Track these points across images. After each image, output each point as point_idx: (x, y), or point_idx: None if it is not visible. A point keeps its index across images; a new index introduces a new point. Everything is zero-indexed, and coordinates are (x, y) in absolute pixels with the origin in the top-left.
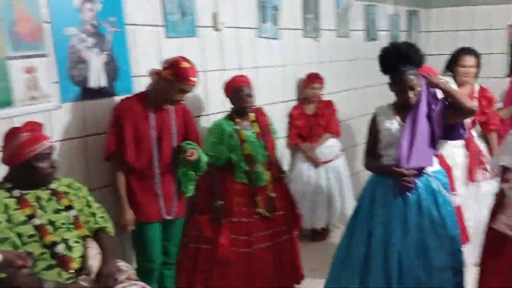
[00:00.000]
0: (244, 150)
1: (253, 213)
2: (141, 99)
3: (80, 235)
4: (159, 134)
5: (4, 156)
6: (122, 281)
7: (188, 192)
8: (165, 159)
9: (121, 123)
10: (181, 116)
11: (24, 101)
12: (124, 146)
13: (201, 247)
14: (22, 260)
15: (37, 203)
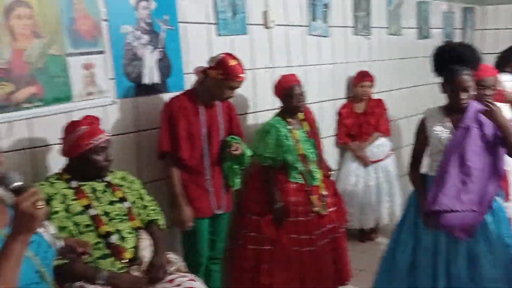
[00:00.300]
0: (298, 150)
1: (310, 211)
2: (191, 96)
3: (133, 226)
4: (208, 130)
5: (63, 148)
6: (172, 272)
7: (235, 185)
8: (214, 155)
9: (174, 121)
10: (226, 111)
11: (82, 96)
12: (178, 144)
13: (263, 249)
14: (83, 247)
15: (93, 194)
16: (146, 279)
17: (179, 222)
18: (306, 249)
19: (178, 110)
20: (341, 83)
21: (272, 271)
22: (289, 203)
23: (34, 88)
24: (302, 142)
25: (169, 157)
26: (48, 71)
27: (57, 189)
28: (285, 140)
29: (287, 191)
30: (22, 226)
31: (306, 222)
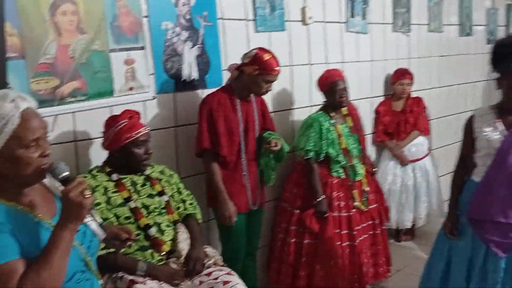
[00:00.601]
0: (341, 144)
1: (351, 207)
2: (228, 92)
3: (171, 219)
4: (245, 126)
5: (105, 142)
6: (209, 265)
7: (270, 181)
8: (251, 150)
9: (214, 117)
10: (259, 106)
11: (123, 91)
12: (217, 141)
13: (304, 242)
14: (127, 234)
15: (133, 187)
16: (184, 272)
17: (224, 217)
18: (346, 243)
19: (217, 106)
20: (379, 81)
21: (312, 265)
22: (331, 198)
23: (78, 83)
24: (345, 137)
25: (208, 154)
26: (91, 66)
27: (99, 181)
28: (327, 133)
29: (329, 185)
30: (71, 215)
31: (347, 217)
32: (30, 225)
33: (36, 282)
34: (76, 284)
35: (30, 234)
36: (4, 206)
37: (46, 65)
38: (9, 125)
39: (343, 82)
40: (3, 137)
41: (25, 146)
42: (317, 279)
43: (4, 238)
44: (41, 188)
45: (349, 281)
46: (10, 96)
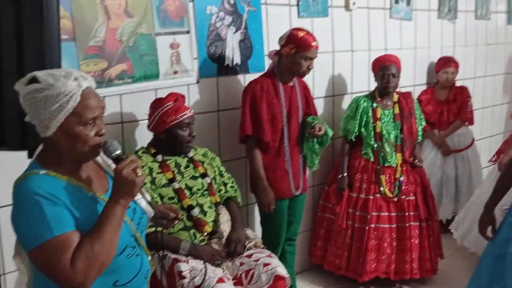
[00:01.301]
0: (375, 128)
1: (374, 191)
2: (270, 77)
3: (213, 201)
4: (288, 111)
5: (150, 123)
6: (250, 247)
7: (313, 166)
8: (294, 135)
9: (257, 103)
10: (303, 91)
11: (168, 74)
12: (261, 127)
13: (325, 216)
14: (174, 213)
15: (177, 168)
16: (225, 253)
17: (263, 204)
18: (358, 225)
19: (260, 93)
20: (422, 69)
21: (328, 238)
22: (355, 178)
23: (125, 65)
24: (384, 122)
25: (251, 140)
26: (138, 50)
27: (144, 162)
28: (363, 115)
29: (356, 166)
30: (123, 191)
31: (365, 200)
32: (84, 199)
33: (89, 254)
34: (126, 258)
35: (85, 208)
36: (60, 180)
37: (96, 47)
38: (71, 102)
39: (395, 68)
40: (64, 113)
41: (83, 124)
42: (329, 253)
43: (60, 211)
44: (93, 165)
45: (355, 263)
46: (74, 75)
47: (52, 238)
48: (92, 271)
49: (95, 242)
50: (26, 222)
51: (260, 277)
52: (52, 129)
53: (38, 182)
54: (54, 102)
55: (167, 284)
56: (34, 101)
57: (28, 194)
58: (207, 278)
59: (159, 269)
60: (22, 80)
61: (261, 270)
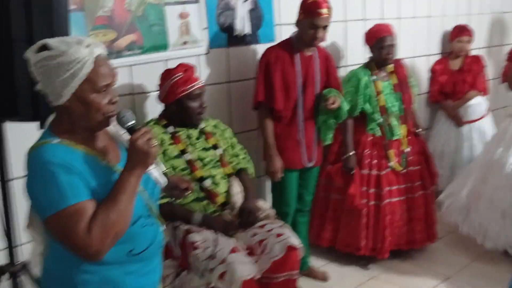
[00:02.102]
0: (379, 101)
1: (385, 166)
2: (287, 46)
3: (225, 172)
4: (304, 81)
5: (160, 95)
6: (262, 218)
7: (326, 140)
8: (308, 106)
9: (270, 71)
10: (323, 62)
11: (176, 45)
12: (273, 94)
13: (331, 197)
14: (186, 183)
15: (188, 140)
16: (238, 223)
17: (270, 172)
18: (373, 203)
19: (274, 60)
20: (436, 38)
21: (338, 220)
22: (363, 155)
23: (134, 36)
24: (386, 94)
25: (263, 107)
26: (147, 20)
27: (155, 133)
28: (365, 89)
29: (362, 142)
30: (138, 162)
31: (377, 176)
32: (99, 168)
33: (105, 222)
34: (141, 228)
35: (99, 178)
36: (74, 149)
37: (104, 17)
38: (84, 69)
39: (391, 38)
40: (78, 80)
41: (96, 91)
42: (341, 235)
43: (75, 180)
44: (106, 135)
45: (374, 241)
46: (86, 42)
47: (67, 206)
48: (107, 239)
49: (110, 210)
50: (41, 191)
51: (273, 247)
52: (65, 96)
53: (53, 151)
54: (67, 69)
55: (180, 254)
56: (46, 69)
57: (42, 163)
58: (220, 248)
59: (172, 239)
60: (32, 47)
61: (273, 240)
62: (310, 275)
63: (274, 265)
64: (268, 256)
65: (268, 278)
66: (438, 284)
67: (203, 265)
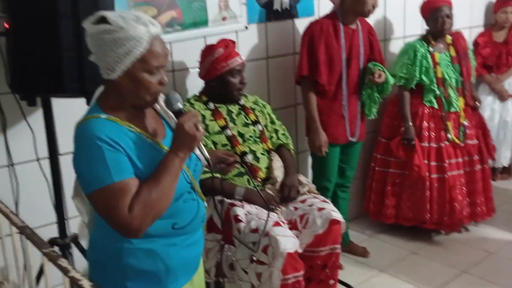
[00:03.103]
0: (437, 73)
1: (444, 138)
2: (332, 19)
3: (265, 148)
4: (348, 55)
5: (201, 71)
6: (303, 193)
7: (371, 114)
8: (353, 80)
9: (314, 45)
10: (367, 36)
11: (216, 21)
12: (317, 68)
13: (390, 171)
14: (232, 157)
15: (229, 116)
16: (279, 198)
17: (314, 147)
18: (435, 176)
19: (318, 33)
20: (479, 9)
21: (400, 194)
22: (422, 127)
23: (174, 12)
24: (443, 66)
25: (306, 82)
26: None
27: (197, 109)
28: (422, 60)
29: (419, 114)
30: (183, 144)
31: (437, 148)
32: (144, 146)
33: (147, 201)
34: (183, 203)
35: (144, 156)
36: (120, 126)
37: None
38: (139, 48)
39: (448, 8)
40: (132, 57)
41: (148, 71)
42: (403, 210)
43: (120, 157)
44: (152, 111)
45: (439, 215)
46: (144, 19)
47: (111, 183)
48: (148, 217)
49: (153, 190)
50: (87, 165)
51: (315, 221)
52: (118, 72)
53: (100, 126)
54: (122, 45)
55: (223, 228)
56: (102, 42)
57: (90, 137)
58: (263, 222)
59: (216, 213)
60: (91, 18)
61: (315, 214)
62: (350, 251)
63: (316, 239)
64: (310, 230)
65: (310, 252)
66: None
67: (247, 238)
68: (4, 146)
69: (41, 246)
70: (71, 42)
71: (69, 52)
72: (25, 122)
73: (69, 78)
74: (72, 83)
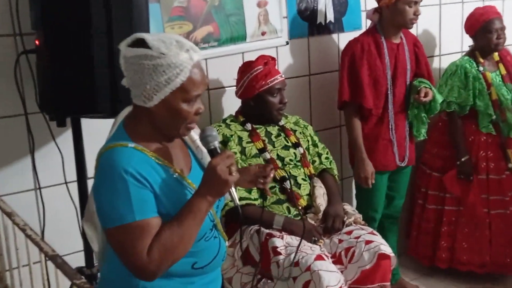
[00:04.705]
0: (491, 95)
1: (504, 169)
2: (373, 35)
3: (307, 173)
4: (394, 73)
5: (238, 89)
6: (349, 223)
7: (420, 136)
8: (399, 99)
9: (356, 65)
10: (412, 49)
11: (255, 36)
12: (361, 92)
13: (445, 209)
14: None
15: (267, 138)
16: (322, 228)
17: (360, 178)
18: (496, 211)
19: (359, 53)
20: None
21: (455, 234)
22: (478, 157)
23: (211, 27)
24: (496, 86)
25: (350, 107)
26: (224, 9)
27: (233, 130)
28: (474, 82)
29: (475, 143)
30: (213, 188)
31: (498, 180)
32: (170, 181)
33: (167, 245)
34: (205, 242)
35: (169, 191)
36: (147, 157)
37: (180, 8)
38: (180, 76)
39: (500, 21)
40: (172, 86)
41: (187, 101)
42: (460, 252)
43: (145, 194)
44: (179, 141)
45: (502, 255)
46: (186, 46)
47: (132, 222)
48: (166, 263)
49: (174, 234)
50: (109, 198)
51: (362, 255)
52: (155, 101)
53: (127, 158)
54: (163, 73)
55: (260, 260)
56: (140, 68)
57: (115, 168)
58: (304, 255)
59: (252, 244)
60: (127, 40)
61: (362, 248)
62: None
63: (363, 275)
64: (357, 265)
65: None
66: None
67: (286, 273)
68: (31, 168)
69: (72, 277)
70: (105, 60)
71: (102, 70)
72: (53, 144)
73: (101, 98)
74: (104, 103)
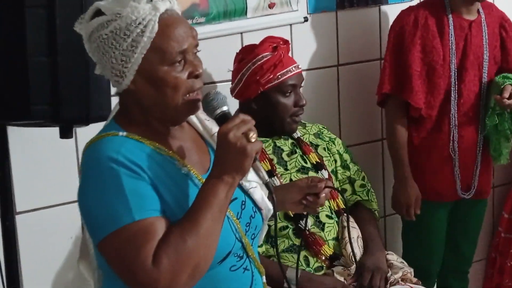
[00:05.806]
0: None
1: None
2: (434, 6)
3: (334, 208)
4: (461, 61)
5: (235, 86)
6: (395, 281)
7: (500, 158)
8: (468, 102)
9: (405, 46)
10: (495, 31)
11: (259, 10)
12: (408, 83)
13: None
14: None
15: (277, 156)
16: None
17: (399, 205)
18: None
19: (412, 28)
20: None
21: None
22: None
23: None
24: None
25: (392, 103)
26: None
27: None
28: None
29: None
30: (229, 163)
31: None
32: (176, 176)
33: (180, 250)
34: (229, 271)
35: (176, 188)
36: (144, 146)
37: None
38: (146, 33)
39: None
40: (140, 49)
41: (169, 62)
42: None
43: (143, 187)
44: (192, 132)
45: None
46: None
47: (131, 222)
48: (182, 273)
49: (188, 234)
50: (98, 199)
51: None
52: (129, 75)
53: (116, 145)
54: (124, 37)
55: None
56: (100, 42)
57: (101, 159)
58: None
59: None
60: (84, 16)
61: None
62: None
63: None
64: None
65: None
66: None
67: None
68: None
69: None
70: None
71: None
72: None
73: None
74: (40, 105)
